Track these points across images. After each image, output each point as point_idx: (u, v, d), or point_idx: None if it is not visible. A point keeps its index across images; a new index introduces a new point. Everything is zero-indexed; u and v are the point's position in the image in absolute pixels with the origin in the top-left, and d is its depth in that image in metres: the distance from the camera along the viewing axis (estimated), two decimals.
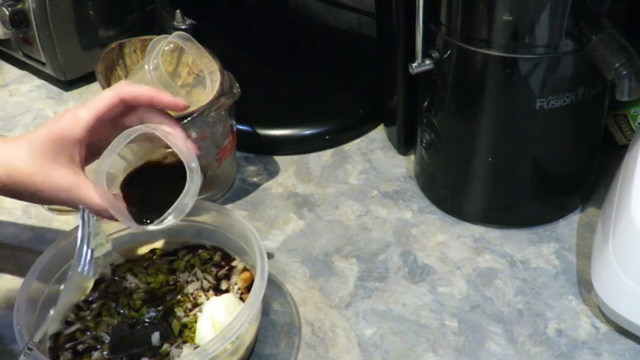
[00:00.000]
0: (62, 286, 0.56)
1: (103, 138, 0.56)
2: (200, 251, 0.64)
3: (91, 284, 0.62)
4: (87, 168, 0.57)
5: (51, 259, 0.58)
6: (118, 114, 0.56)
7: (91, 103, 0.55)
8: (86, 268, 0.56)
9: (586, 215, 0.71)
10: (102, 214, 0.56)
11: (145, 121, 0.56)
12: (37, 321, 0.55)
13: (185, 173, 0.54)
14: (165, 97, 0.55)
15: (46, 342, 0.57)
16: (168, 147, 0.55)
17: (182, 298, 0.60)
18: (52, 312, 0.54)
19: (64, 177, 0.54)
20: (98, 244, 0.58)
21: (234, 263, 0.63)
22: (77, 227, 0.56)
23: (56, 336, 0.57)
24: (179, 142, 0.55)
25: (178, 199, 0.54)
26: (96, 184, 0.54)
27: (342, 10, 1.03)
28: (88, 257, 0.56)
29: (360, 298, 0.63)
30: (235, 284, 0.61)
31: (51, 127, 0.54)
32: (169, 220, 0.55)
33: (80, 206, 0.56)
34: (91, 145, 0.56)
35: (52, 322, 0.55)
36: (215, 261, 0.63)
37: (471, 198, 0.70)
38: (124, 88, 0.55)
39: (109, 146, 0.54)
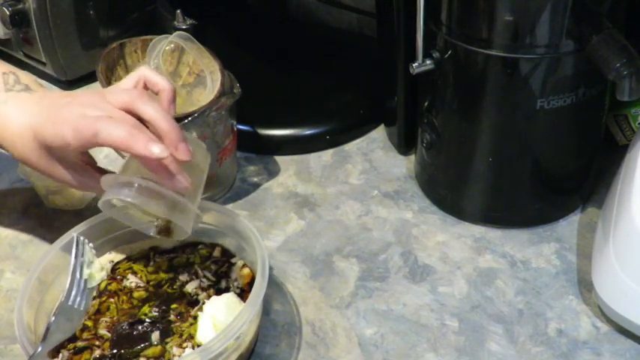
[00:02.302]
0: (52, 318, 0.52)
1: None
2: (200, 246, 0.64)
3: (83, 318, 0.56)
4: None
5: (51, 259, 0.58)
6: None
7: (77, 130, 0.51)
8: (78, 299, 0.53)
9: (586, 215, 0.71)
10: None
11: None
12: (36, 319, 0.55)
13: None
14: (136, 146, 0.51)
15: None
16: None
17: (182, 297, 0.60)
18: (39, 349, 0.50)
19: (72, 176, 0.56)
20: (92, 274, 0.55)
21: (233, 260, 0.63)
22: (73, 241, 0.54)
23: None
24: (159, 195, 0.53)
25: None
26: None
27: (343, 10, 1.03)
28: (81, 288, 0.53)
29: (361, 297, 0.63)
30: (235, 281, 0.61)
31: (50, 150, 0.54)
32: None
33: (74, 234, 0.55)
34: None
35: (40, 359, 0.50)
36: (215, 257, 0.63)
37: (471, 198, 0.70)
38: (93, 140, 0.51)
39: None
